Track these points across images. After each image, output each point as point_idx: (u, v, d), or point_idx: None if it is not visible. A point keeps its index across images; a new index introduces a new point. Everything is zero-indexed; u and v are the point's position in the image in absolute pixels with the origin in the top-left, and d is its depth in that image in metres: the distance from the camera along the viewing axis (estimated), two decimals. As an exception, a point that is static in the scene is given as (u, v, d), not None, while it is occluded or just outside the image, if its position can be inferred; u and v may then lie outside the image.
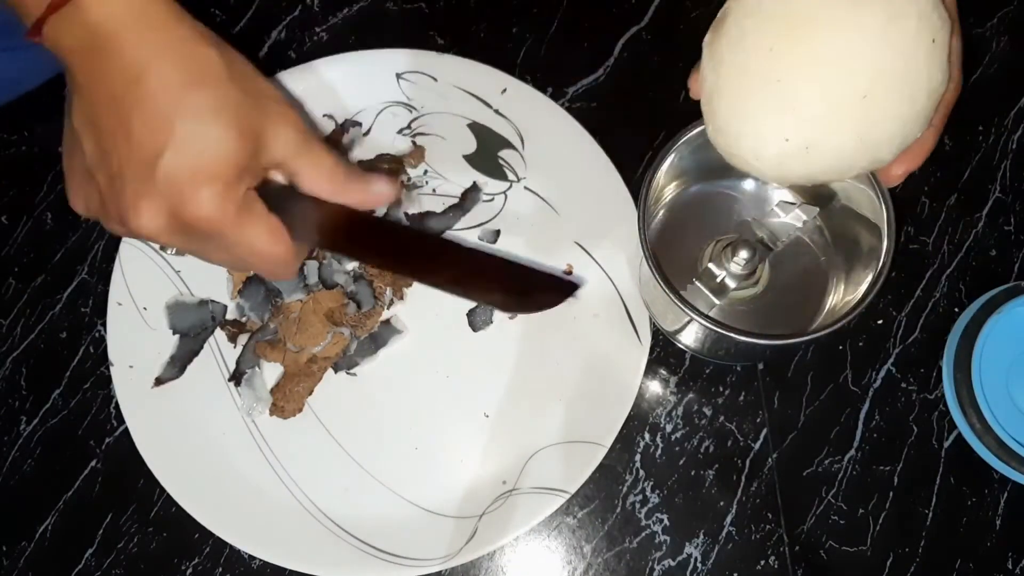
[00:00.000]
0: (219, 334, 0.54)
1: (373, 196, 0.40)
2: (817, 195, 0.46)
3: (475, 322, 0.54)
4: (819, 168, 0.36)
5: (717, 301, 0.44)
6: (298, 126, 0.38)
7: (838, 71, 0.34)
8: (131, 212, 0.35)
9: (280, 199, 0.38)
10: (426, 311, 0.54)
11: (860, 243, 0.45)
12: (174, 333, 0.54)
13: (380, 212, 0.56)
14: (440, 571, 0.49)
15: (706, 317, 0.42)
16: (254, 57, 0.60)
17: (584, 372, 0.52)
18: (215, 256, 0.39)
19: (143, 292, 0.54)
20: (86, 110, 0.36)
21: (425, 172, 0.56)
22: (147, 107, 0.34)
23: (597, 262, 0.54)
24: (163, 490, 0.50)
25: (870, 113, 0.34)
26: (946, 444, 0.51)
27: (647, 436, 0.52)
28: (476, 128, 0.57)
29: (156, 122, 0.34)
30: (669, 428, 0.52)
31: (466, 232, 0.55)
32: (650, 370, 0.52)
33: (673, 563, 0.50)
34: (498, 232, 0.55)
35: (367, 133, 0.57)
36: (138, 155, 0.34)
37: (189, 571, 0.51)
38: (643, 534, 0.50)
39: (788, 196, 0.48)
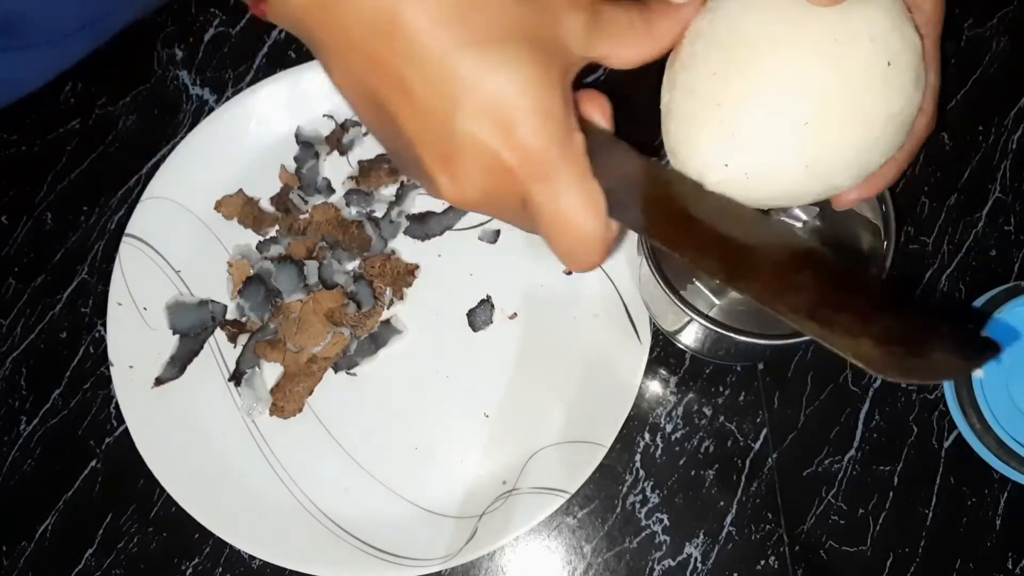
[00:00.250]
0: (219, 334, 0.54)
1: (680, 19, 0.34)
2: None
3: (475, 322, 0.54)
4: (764, 195, 0.34)
5: (717, 301, 0.44)
6: (581, 3, 0.30)
7: (777, 96, 0.32)
8: (444, 185, 0.30)
9: (601, 153, 0.31)
10: (426, 311, 0.54)
11: (860, 243, 0.45)
12: (174, 333, 0.54)
13: (380, 212, 0.56)
14: (440, 571, 0.49)
15: (706, 317, 0.41)
16: (254, 58, 0.60)
17: (584, 372, 0.52)
18: (524, 221, 0.32)
19: (143, 292, 0.54)
20: (347, 78, 0.30)
21: (425, 172, 0.56)
22: (415, 59, 0.28)
23: (597, 262, 0.54)
24: (163, 490, 0.50)
25: (816, 140, 0.32)
26: (946, 444, 0.51)
27: (647, 436, 0.52)
28: (476, 128, 0.57)
29: (432, 74, 0.28)
30: (669, 428, 0.52)
31: (466, 232, 0.55)
32: (650, 370, 0.52)
33: (673, 563, 0.50)
34: (498, 232, 0.55)
35: (367, 133, 0.57)
36: (430, 120, 0.29)
37: (189, 571, 0.51)
38: (643, 534, 0.50)
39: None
